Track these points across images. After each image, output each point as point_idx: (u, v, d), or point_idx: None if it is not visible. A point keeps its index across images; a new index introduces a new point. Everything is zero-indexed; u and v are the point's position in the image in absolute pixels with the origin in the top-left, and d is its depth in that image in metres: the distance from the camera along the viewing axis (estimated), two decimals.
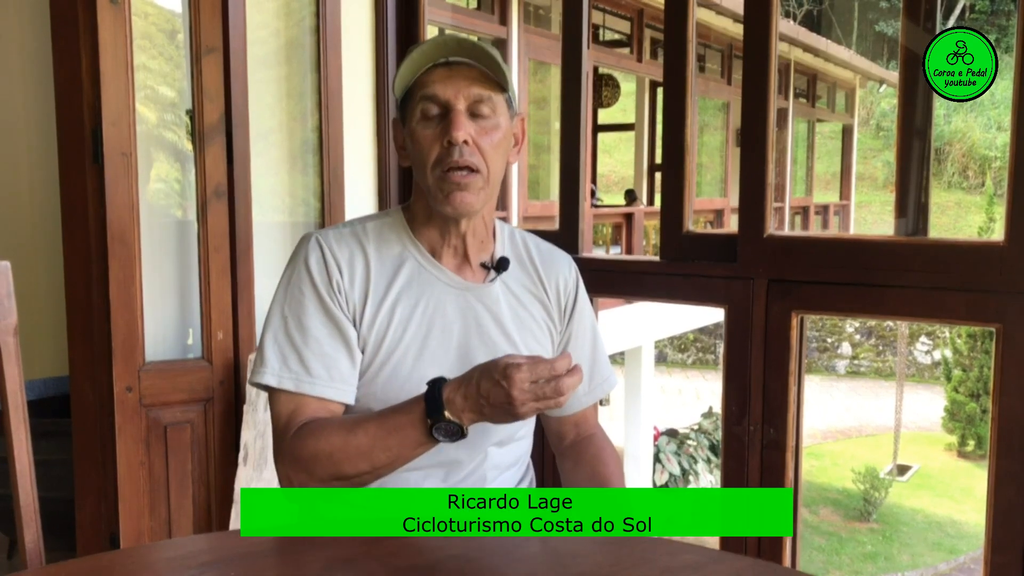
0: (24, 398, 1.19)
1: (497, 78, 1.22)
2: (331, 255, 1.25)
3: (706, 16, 8.45)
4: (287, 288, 1.26)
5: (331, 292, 1.24)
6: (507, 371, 1.05)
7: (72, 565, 1.01)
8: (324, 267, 1.24)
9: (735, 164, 9.25)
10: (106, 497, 2.07)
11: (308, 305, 1.23)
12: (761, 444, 1.83)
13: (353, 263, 1.26)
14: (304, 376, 1.21)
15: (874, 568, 8.29)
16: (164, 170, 2.33)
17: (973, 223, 15.40)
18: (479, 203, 1.23)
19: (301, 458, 1.16)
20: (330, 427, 1.17)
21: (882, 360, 14.75)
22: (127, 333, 2.05)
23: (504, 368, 1.06)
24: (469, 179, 1.21)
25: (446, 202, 1.21)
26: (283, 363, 1.22)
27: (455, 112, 1.20)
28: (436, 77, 1.21)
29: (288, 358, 1.22)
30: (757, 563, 1.29)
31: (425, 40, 1.25)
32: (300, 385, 1.21)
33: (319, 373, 1.22)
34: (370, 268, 1.26)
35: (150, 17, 2.26)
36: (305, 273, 1.24)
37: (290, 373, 1.22)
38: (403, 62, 1.22)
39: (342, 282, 1.24)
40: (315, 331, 1.23)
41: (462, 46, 1.21)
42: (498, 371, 1.06)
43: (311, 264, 1.24)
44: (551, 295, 1.36)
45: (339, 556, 1.02)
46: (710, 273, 1.90)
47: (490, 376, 1.07)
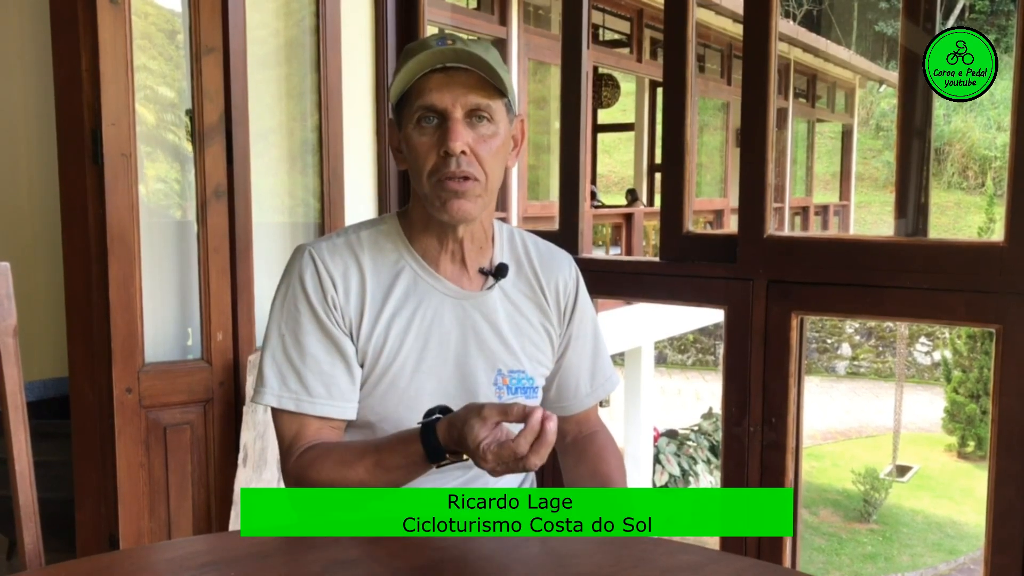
0: (24, 399, 1.19)
1: (495, 83, 1.19)
2: (325, 270, 1.23)
3: (706, 16, 8.45)
4: (283, 305, 1.25)
5: (327, 308, 1.23)
6: (468, 429, 1.05)
7: (72, 566, 1.01)
8: (319, 282, 1.23)
9: (735, 164, 9.25)
10: (106, 498, 2.07)
11: (304, 323, 1.23)
12: (761, 445, 1.83)
13: (348, 276, 1.24)
14: (304, 395, 1.22)
15: (874, 569, 8.29)
16: (164, 170, 2.33)
17: (973, 223, 15.40)
18: (477, 210, 1.22)
19: (303, 482, 1.19)
20: (330, 459, 1.18)
21: (882, 361, 14.75)
22: (127, 334, 2.05)
23: (465, 425, 1.05)
24: (467, 186, 1.19)
25: (443, 209, 1.20)
26: (282, 383, 1.22)
27: (452, 121, 1.17)
28: (433, 84, 1.18)
29: (287, 378, 1.22)
30: (757, 563, 1.29)
31: (422, 41, 1.22)
32: (300, 405, 1.22)
33: (318, 392, 1.22)
34: (365, 280, 1.25)
35: (150, 17, 2.26)
36: (300, 290, 1.23)
37: (290, 393, 1.22)
38: (399, 67, 1.20)
39: (337, 297, 1.23)
40: (312, 349, 1.22)
41: (458, 54, 1.17)
42: (464, 425, 1.06)
43: (306, 280, 1.23)
44: (550, 299, 1.35)
45: (339, 556, 1.02)
46: (710, 274, 1.90)
47: (464, 425, 1.06)
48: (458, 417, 1.09)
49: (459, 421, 1.08)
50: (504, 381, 1.29)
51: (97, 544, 2.09)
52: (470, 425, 1.05)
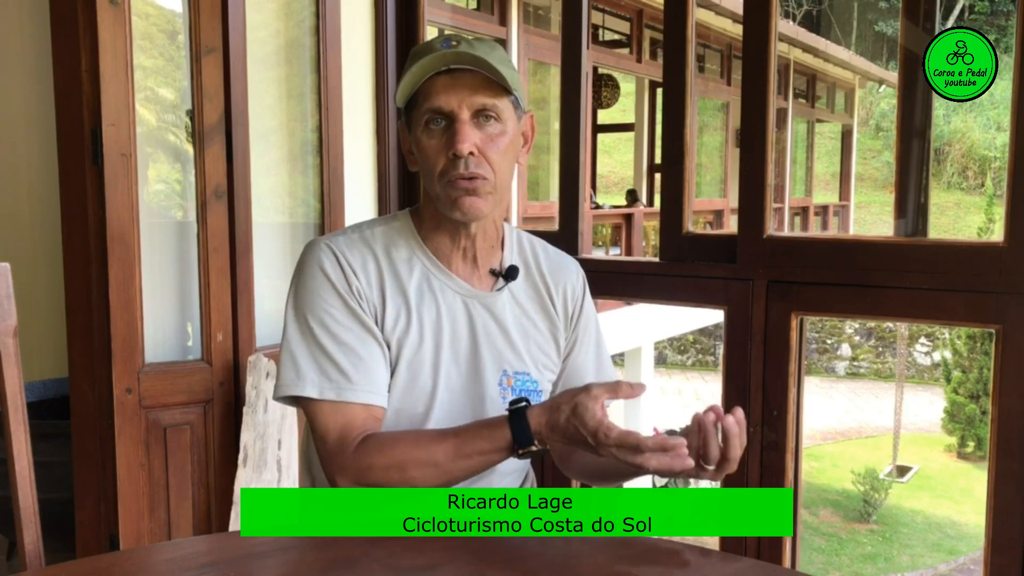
0: (24, 400, 1.19)
1: (502, 82, 1.20)
2: (345, 260, 1.23)
3: (705, 16, 8.45)
4: (306, 296, 1.22)
5: (353, 296, 1.22)
6: (582, 409, 1.08)
7: (71, 566, 1.01)
8: (341, 271, 1.22)
9: (735, 164, 9.25)
10: (106, 498, 2.07)
11: (334, 311, 1.21)
12: (761, 445, 1.83)
13: (367, 267, 1.24)
14: (345, 384, 1.19)
15: (874, 569, 8.29)
16: (164, 171, 2.33)
17: (973, 223, 15.40)
18: (488, 207, 1.22)
19: (372, 469, 1.15)
20: (402, 442, 1.17)
21: (882, 361, 14.74)
22: (127, 334, 2.05)
23: (577, 405, 1.08)
24: (477, 184, 1.19)
25: (455, 207, 1.20)
26: (321, 373, 1.19)
27: (459, 123, 1.18)
28: (439, 86, 1.18)
29: (325, 367, 1.19)
30: (757, 563, 1.29)
31: (427, 43, 1.22)
32: (343, 393, 1.19)
33: (359, 380, 1.20)
34: (383, 273, 1.25)
35: (150, 17, 2.26)
36: (323, 279, 1.22)
37: (331, 383, 1.19)
38: (405, 71, 1.20)
39: (360, 286, 1.22)
40: (346, 337, 1.20)
41: (462, 56, 1.17)
42: (574, 406, 1.08)
43: (327, 269, 1.22)
44: (557, 305, 1.35)
45: (339, 556, 1.02)
46: (710, 274, 1.90)
47: (574, 406, 1.08)
48: (562, 398, 1.11)
49: (565, 403, 1.10)
50: (509, 383, 1.30)
51: (97, 544, 2.09)
52: (583, 405, 1.08)
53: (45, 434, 2.15)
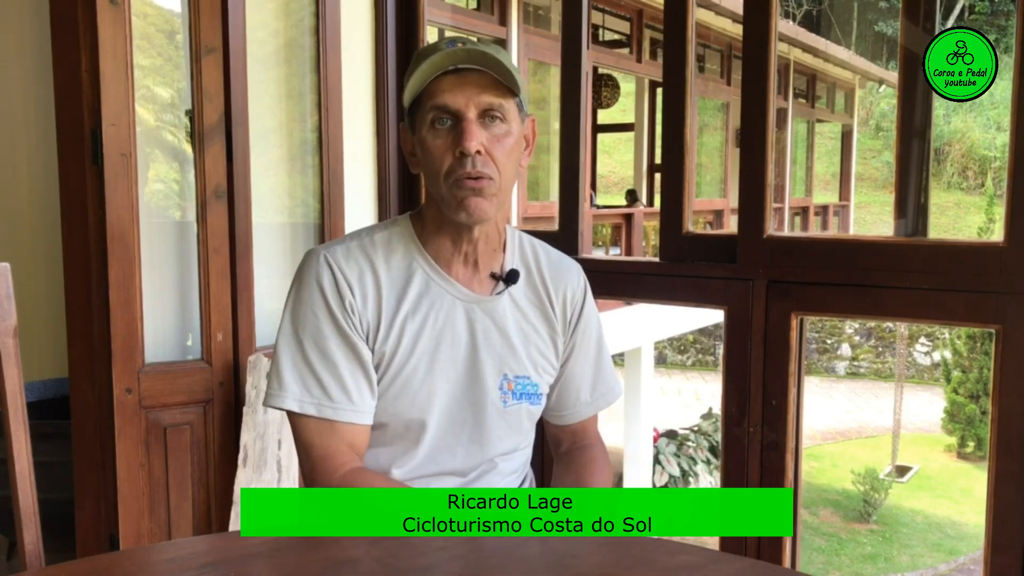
0: (24, 400, 1.19)
1: (507, 83, 1.20)
2: (342, 275, 1.23)
3: (705, 16, 8.45)
4: (300, 309, 1.24)
5: (345, 313, 1.23)
6: None
7: (71, 566, 1.01)
8: (336, 288, 1.23)
9: (735, 164, 9.25)
10: (106, 498, 2.07)
11: (324, 328, 1.23)
12: (761, 445, 1.83)
13: (364, 281, 1.25)
14: (326, 401, 1.22)
15: (874, 569, 8.29)
16: (164, 171, 2.33)
17: (973, 223, 15.40)
18: (493, 209, 1.22)
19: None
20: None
21: (881, 361, 14.74)
22: (127, 334, 2.05)
23: None
24: (483, 184, 1.19)
25: (461, 208, 1.20)
26: (304, 388, 1.22)
27: (466, 122, 1.18)
28: (446, 85, 1.18)
29: (308, 383, 1.22)
30: (757, 564, 1.29)
31: (432, 45, 1.22)
32: (322, 410, 1.22)
33: (339, 398, 1.22)
34: (381, 285, 1.25)
35: (150, 17, 2.26)
36: (318, 294, 1.23)
37: (312, 398, 1.22)
38: (411, 71, 1.20)
39: (355, 302, 1.23)
40: (333, 354, 1.22)
41: (471, 54, 1.17)
42: None
43: (324, 285, 1.23)
44: (557, 309, 1.35)
45: (339, 556, 1.02)
46: (710, 274, 1.90)
47: None
48: None
49: None
50: (510, 386, 1.30)
51: (97, 544, 2.09)
52: None
53: (45, 434, 2.15)
